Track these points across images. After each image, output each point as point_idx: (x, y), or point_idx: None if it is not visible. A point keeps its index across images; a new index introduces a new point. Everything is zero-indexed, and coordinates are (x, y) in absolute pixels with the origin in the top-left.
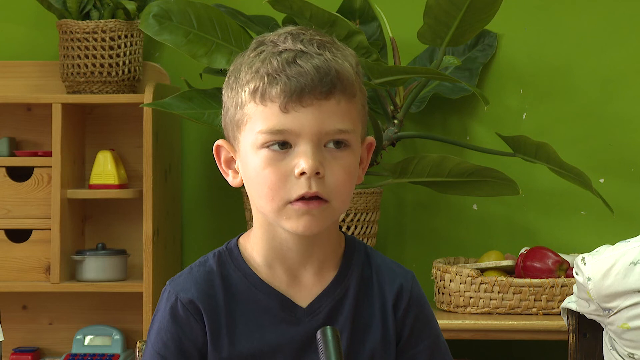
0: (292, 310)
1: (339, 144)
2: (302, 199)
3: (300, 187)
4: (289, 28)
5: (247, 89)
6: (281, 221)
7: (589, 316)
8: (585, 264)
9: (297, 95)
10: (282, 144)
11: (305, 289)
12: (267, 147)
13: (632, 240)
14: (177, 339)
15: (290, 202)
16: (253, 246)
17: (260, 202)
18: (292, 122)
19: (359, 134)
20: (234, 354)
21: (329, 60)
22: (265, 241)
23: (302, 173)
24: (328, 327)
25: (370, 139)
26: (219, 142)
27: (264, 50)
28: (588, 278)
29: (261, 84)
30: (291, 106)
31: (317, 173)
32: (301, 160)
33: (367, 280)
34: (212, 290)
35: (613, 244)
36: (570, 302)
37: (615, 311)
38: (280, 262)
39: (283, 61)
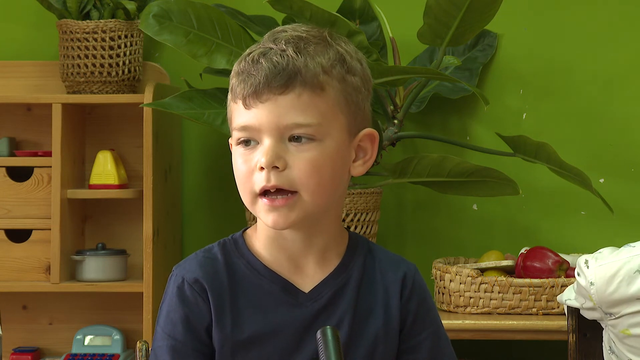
0: (294, 294)
1: (299, 138)
2: (267, 193)
3: (260, 181)
4: (283, 27)
5: (230, 88)
6: (256, 214)
7: (587, 314)
8: (588, 267)
9: (253, 91)
10: (248, 141)
11: (308, 277)
12: (239, 143)
13: (638, 245)
14: (186, 319)
15: (259, 196)
16: (257, 236)
17: (241, 196)
18: (253, 118)
19: (335, 127)
20: (237, 334)
21: (290, 56)
22: (265, 230)
23: (262, 167)
24: (328, 327)
25: (369, 130)
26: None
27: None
28: (591, 283)
29: (234, 82)
30: (251, 102)
31: (277, 167)
32: (260, 155)
33: (370, 270)
34: (216, 274)
35: (613, 244)
36: (570, 300)
37: (617, 316)
38: (281, 250)
39: (250, 60)
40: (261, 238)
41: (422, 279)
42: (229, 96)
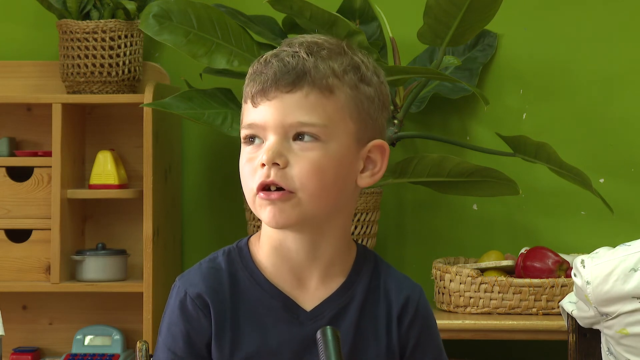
0: (295, 312)
1: (302, 137)
2: (265, 189)
3: (260, 176)
4: (302, 34)
5: (243, 92)
6: (257, 213)
7: (584, 323)
8: (584, 267)
9: (261, 88)
10: (252, 137)
11: (310, 293)
12: (245, 142)
13: (634, 244)
14: (186, 334)
15: (257, 193)
16: (261, 246)
17: (245, 195)
18: (259, 116)
19: (342, 132)
20: (235, 351)
21: (301, 57)
22: (269, 239)
23: (263, 164)
24: (328, 327)
25: (379, 142)
26: None
27: None
28: (587, 282)
29: (245, 84)
30: (259, 100)
31: (277, 164)
32: (262, 151)
33: (374, 290)
34: (220, 286)
35: (613, 244)
36: (569, 303)
37: (613, 316)
38: (284, 262)
39: (262, 61)
40: (264, 247)
41: (426, 302)
42: (243, 98)
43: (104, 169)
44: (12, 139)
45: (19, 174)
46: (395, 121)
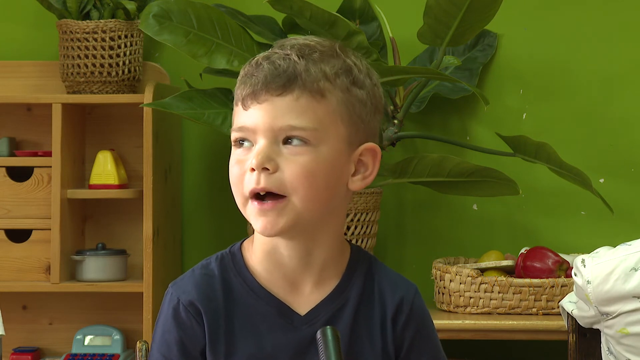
0: (289, 317)
1: (292, 140)
2: (257, 197)
3: (250, 183)
4: (295, 37)
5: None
6: (248, 218)
7: (585, 322)
8: (585, 266)
9: (251, 91)
10: (242, 140)
11: (304, 297)
12: (235, 144)
13: (634, 243)
14: (180, 341)
15: (250, 199)
16: (254, 251)
17: (235, 198)
18: (249, 119)
19: (333, 135)
20: (230, 357)
21: (292, 59)
22: (261, 244)
23: (253, 169)
24: (328, 327)
25: (371, 145)
26: None
27: None
28: (587, 281)
29: (236, 87)
30: (249, 103)
31: (267, 169)
32: (252, 155)
33: (369, 292)
34: (213, 293)
35: (613, 244)
36: (569, 302)
37: (613, 315)
38: (277, 268)
39: (254, 63)
40: (257, 252)
41: (421, 301)
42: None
43: (104, 169)
44: (12, 139)
45: (19, 174)
46: (395, 121)
